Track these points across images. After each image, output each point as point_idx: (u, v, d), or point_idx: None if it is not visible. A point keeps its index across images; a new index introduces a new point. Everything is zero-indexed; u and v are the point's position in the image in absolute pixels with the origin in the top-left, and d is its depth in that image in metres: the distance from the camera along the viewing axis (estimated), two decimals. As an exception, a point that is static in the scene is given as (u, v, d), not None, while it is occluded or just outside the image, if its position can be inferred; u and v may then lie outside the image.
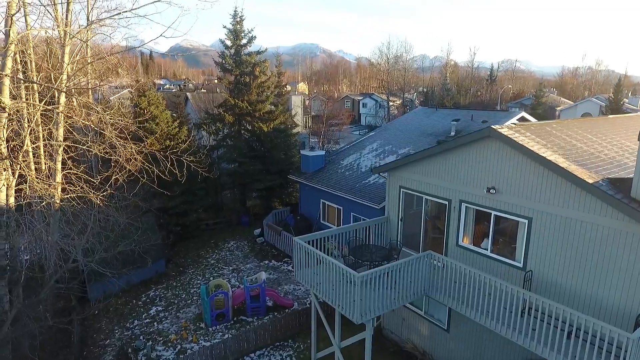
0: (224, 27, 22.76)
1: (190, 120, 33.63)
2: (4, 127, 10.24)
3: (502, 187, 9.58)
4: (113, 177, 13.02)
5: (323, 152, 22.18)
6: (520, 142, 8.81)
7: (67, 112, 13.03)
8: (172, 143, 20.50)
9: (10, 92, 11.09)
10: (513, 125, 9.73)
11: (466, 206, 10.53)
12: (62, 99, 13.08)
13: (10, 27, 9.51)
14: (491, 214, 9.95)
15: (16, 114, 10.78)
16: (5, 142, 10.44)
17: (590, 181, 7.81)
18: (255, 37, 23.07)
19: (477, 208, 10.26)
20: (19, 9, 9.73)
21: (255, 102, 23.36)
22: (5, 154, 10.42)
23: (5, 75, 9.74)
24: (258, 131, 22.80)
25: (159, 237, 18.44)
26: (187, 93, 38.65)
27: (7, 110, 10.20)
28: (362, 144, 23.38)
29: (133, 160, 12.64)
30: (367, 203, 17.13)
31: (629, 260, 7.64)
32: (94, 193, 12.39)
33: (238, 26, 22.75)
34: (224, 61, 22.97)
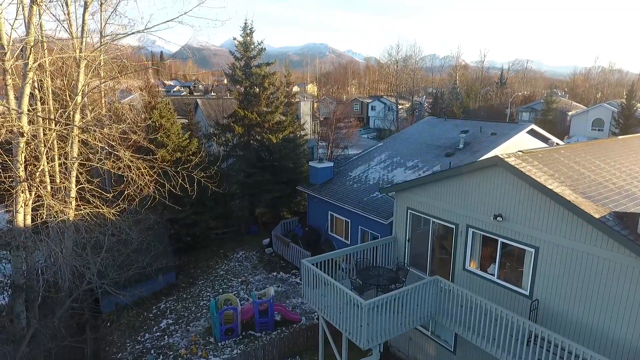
0: (234, 39, 23.03)
1: (201, 128, 34.09)
2: (22, 152, 10.58)
3: (509, 214, 9.65)
4: (126, 192, 13.34)
5: (331, 164, 22.32)
6: (527, 173, 8.87)
7: (81, 127, 13.39)
8: (182, 155, 20.84)
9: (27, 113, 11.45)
10: (520, 153, 9.78)
11: (473, 231, 10.61)
12: (77, 116, 13.43)
13: (29, 56, 9.82)
14: (498, 240, 10.02)
15: (34, 140, 11.11)
16: (23, 165, 10.79)
17: (597, 216, 7.85)
18: (264, 49, 23.31)
19: (484, 234, 10.33)
20: (37, 41, 10.02)
21: (265, 113, 23.59)
22: (23, 177, 10.76)
23: (24, 103, 10.06)
24: (267, 142, 23.02)
25: (170, 249, 18.76)
26: (197, 100, 39.05)
27: (25, 135, 10.54)
28: (371, 155, 23.46)
29: (145, 176, 12.95)
30: (375, 218, 17.23)
31: (635, 296, 7.67)
32: (107, 208, 12.72)
33: (248, 38, 22.99)
34: (233, 73, 23.23)
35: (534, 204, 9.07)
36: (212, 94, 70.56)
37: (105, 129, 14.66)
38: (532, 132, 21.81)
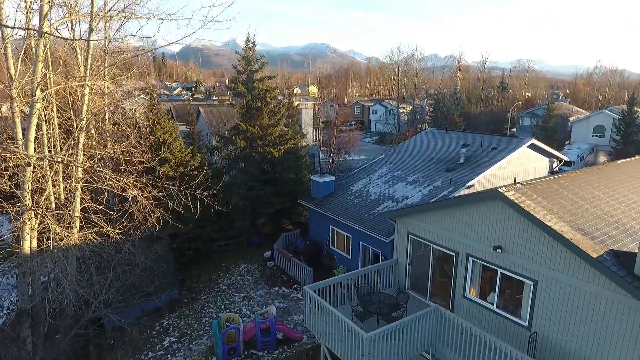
0: (237, 52, 23.19)
1: (203, 138, 34.24)
2: (29, 181, 10.75)
3: (508, 246, 9.77)
4: (129, 211, 13.51)
5: (333, 178, 22.46)
6: (526, 209, 8.99)
7: (85, 147, 13.55)
8: (185, 170, 21.03)
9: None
10: (520, 185, 9.90)
11: (473, 260, 10.74)
12: (82, 138, 13.59)
13: (37, 89, 9.98)
14: (497, 271, 10.15)
15: (40, 170, 11.27)
16: (29, 194, 10.95)
17: (595, 255, 7.98)
18: (266, 63, 23.48)
19: (484, 264, 10.46)
20: (44, 74, 10.17)
21: (267, 126, 23.74)
22: (30, 206, 10.92)
23: (31, 134, 10.22)
24: (269, 156, 23.18)
25: (173, 265, 18.94)
26: (200, 107, 39.20)
27: (32, 164, 10.71)
28: (372, 168, 23.60)
29: (148, 197, 13.11)
30: (376, 235, 17.36)
31: (631, 334, 7.80)
32: (111, 228, 12.88)
33: (250, 52, 23.15)
34: (236, 86, 23.38)
35: (534, 238, 9.20)
36: (214, 98, 70.70)
37: (108, 146, 14.83)
38: (533, 146, 21.95)
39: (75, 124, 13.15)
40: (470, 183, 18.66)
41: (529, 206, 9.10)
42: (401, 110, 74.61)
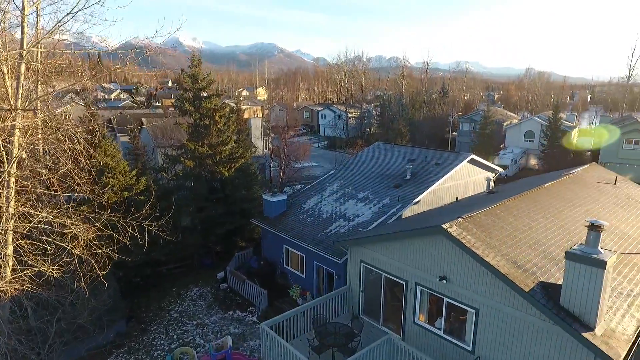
0: (182, 70, 22.54)
1: (147, 152, 32.82)
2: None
3: (453, 277, 10.47)
4: (69, 247, 12.73)
5: (285, 197, 22.52)
6: (467, 244, 9.69)
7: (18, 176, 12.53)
8: (130, 194, 20.12)
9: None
10: (461, 220, 10.63)
11: (421, 289, 11.36)
12: (12, 179, 12.54)
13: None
14: (444, 299, 10.83)
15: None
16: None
17: (527, 289, 8.80)
18: (214, 80, 23.02)
19: (431, 292, 11.11)
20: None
21: (216, 144, 23.31)
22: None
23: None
24: (219, 176, 22.79)
25: (119, 296, 18.05)
26: (142, 119, 37.50)
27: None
28: (323, 184, 23.97)
29: (88, 232, 12.44)
30: (330, 257, 17.69)
31: (559, 357, 8.69)
32: (49, 266, 12.06)
33: (196, 69, 22.58)
34: (182, 105, 22.72)
35: (475, 271, 9.93)
36: (157, 103, 67.68)
37: (43, 174, 13.80)
38: (472, 161, 23.48)
39: (4, 160, 12.16)
40: (416, 199, 19.61)
41: (469, 242, 9.81)
42: (349, 115, 76.13)
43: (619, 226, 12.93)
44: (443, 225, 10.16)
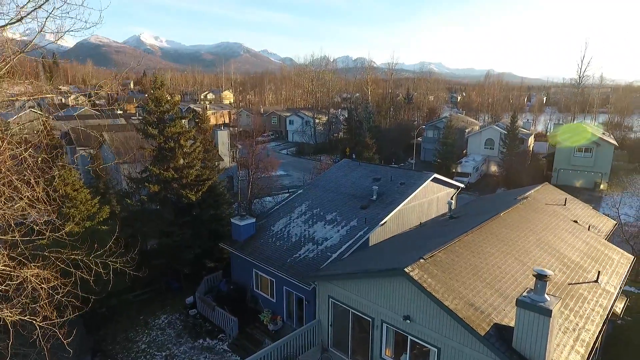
0: (147, 95, 22.06)
1: (110, 170, 31.77)
2: None
3: (416, 316, 10.99)
4: (24, 287, 12.31)
5: (254, 220, 22.53)
6: (428, 288, 10.22)
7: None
8: (92, 223, 19.57)
9: None
10: (422, 261, 11.16)
11: (387, 326, 11.84)
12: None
13: None
14: (408, 337, 11.34)
15: None
16: None
17: (483, 333, 9.41)
18: (179, 102, 22.69)
19: (396, 330, 11.61)
20: None
21: (182, 167, 23.00)
22: None
23: None
24: (186, 200, 22.51)
25: (83, 330, 17.56)
26: (104, 133, 36.22)
27: None
28: (292, 205, 24.16)
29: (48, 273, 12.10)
30: (299, 284, 17.93)
31: (513, 396, 9.36)
32: (7, 311, 11.65)
33: (159, 92, 22.19)
34: (145, 128, 22.27)
35: (436, 311, 10.48)
36: (119, 111, 65.33)
37: None
38: (435, 179, 24.38)
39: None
40: (383, 221, 20.18)
41: (430, 285, 10.35)
42: (317, 121, 76.62)
43: (567, 254, 13.94)
44: (405, 269, 10.64)
